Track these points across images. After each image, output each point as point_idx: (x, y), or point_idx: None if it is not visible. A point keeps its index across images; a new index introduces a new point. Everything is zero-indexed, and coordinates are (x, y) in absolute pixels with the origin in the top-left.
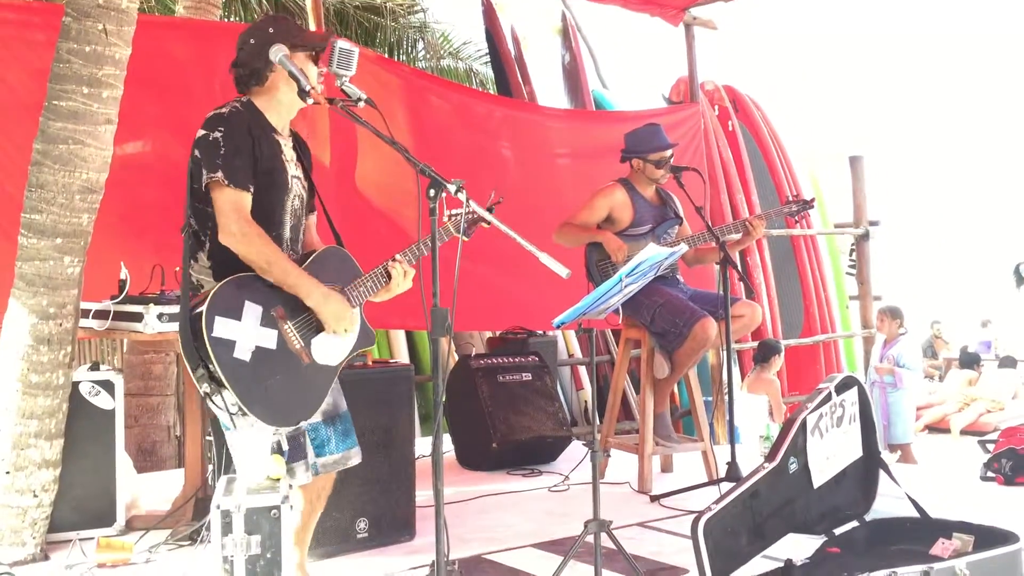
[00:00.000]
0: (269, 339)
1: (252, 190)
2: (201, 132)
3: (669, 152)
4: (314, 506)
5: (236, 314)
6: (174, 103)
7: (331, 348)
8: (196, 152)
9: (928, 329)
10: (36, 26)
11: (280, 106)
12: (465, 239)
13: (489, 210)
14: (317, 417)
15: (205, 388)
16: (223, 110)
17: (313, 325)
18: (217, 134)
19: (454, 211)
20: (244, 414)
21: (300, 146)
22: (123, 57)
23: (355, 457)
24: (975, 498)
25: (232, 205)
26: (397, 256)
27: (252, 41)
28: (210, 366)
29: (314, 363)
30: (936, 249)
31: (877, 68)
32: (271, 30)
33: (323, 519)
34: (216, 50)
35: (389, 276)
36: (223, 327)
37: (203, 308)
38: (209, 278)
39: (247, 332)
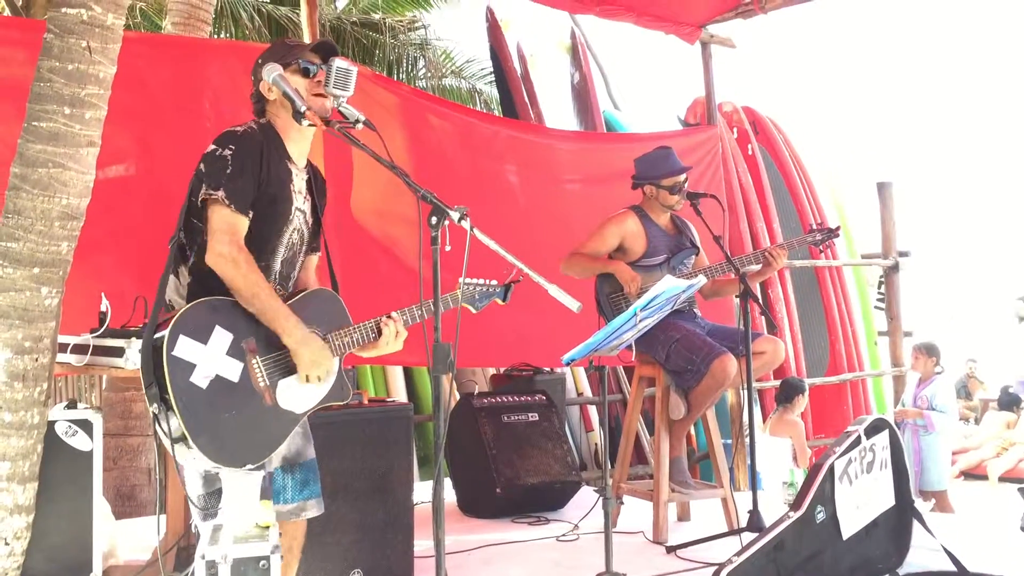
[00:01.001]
0: (233, 371)
1: (250, 216)
2: (211, 147)
3: (683, 177)
4: (288, 561)
5: (203, 337)
6: (160, 124)
7: (299, 394)
8: (201, 166)
9: (963, 368)
10: (15, 43)
11: (291, 132)
12: (474, 311)
13: (507, 286)
14: (276, 463)
15: (154, 408)
16: (238, 128)
17: (284, 366)
18: (227, 152)
19: (469, 280)
20: (187, 445)
21: (316, 181)
22: (107, 76)
23: (312, 509)
24: (1016, 550)
25: (228, 226)
26: (393, 314)
27: (253, 78)
28: (164, 386)
29: (276, 406)
30: (971, 282)
31: (906, 88)
32: (259, 60)
33: (314, 570)
34: (206, 68)
35: (379, 333)
36: (185, 347)
37: (169, 324)
38: (182, 300)
39: (210, 358)
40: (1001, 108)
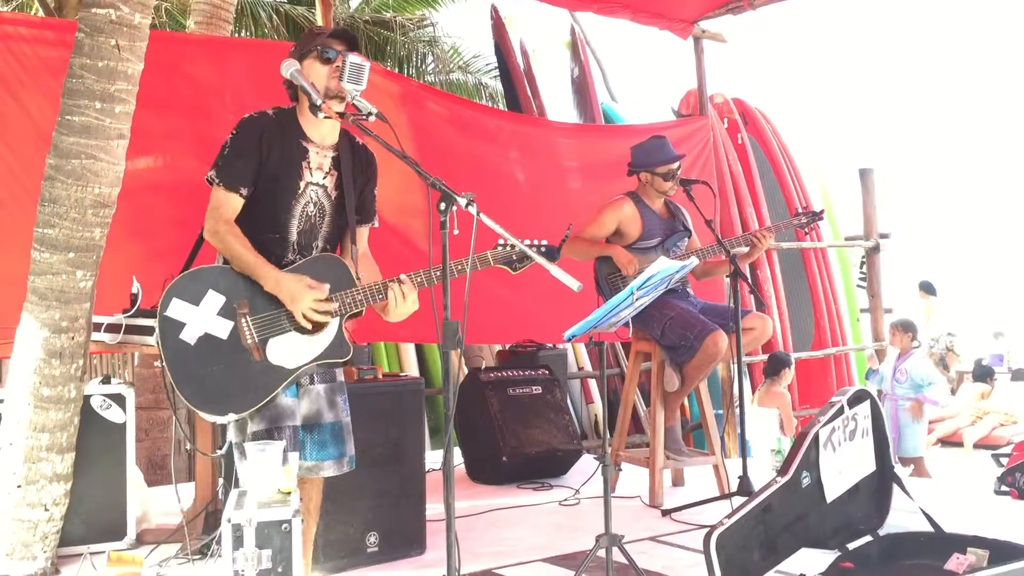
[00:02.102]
0: (222, 329)
1: (244, 193)
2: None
3: (676, 164)
4: (306, 520)
5: (195, 299)
6: (185, 118)
7: (290, 350)
8: None
9: (941, 342)
10: (49, 42)
11: (310, 114)
12: (513, 272)
13: (559, 246)
14: (297, 421)
15: (157, 364)
16: (249, 114)
17: (277, 325)
18: (229, 136)
19: (505, 243)
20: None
21: (356, 157)
22: (135, 72)
23: (328, 469)
24: (989, 512)
25: (214, 204)
26: (402, 276)
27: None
28: (157, 343)
29: (265, 361)
30: (948, 261)
31: (887, 80)
32: (292, 49)
33: (332, 533)
34: (227, 64)
35: (386, 294)
36: (177, 309)
37: (166, 288)
38: None
39: (200, 318)
40: (979, 96)
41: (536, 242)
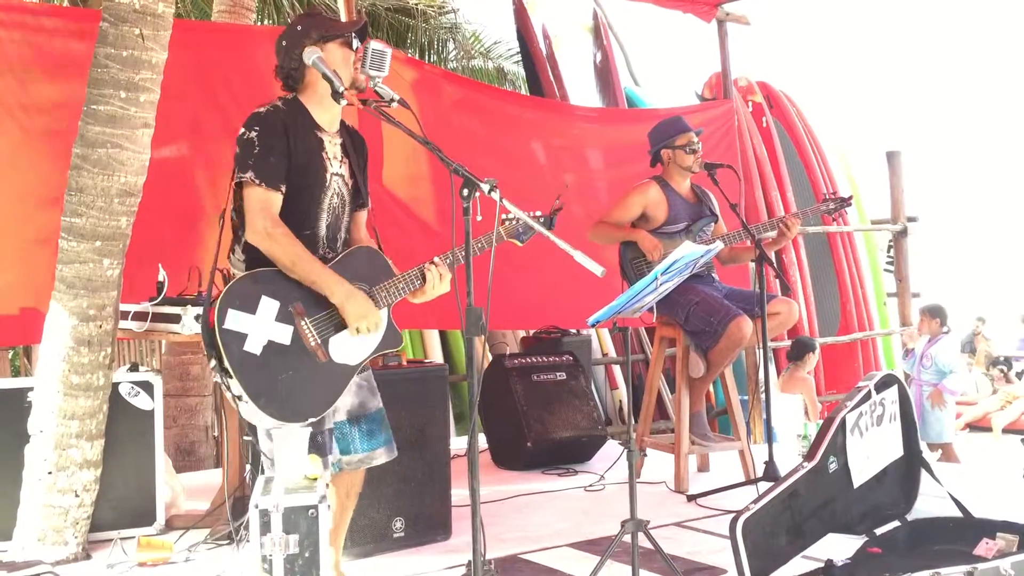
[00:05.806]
0: (283, 334)
1: (283, 189)
2: (241, 130)
3: (695, 136)
4: (345, 505)
5: (251, 308)
6: (209, 106)
7: (351, 347)
8: (237, 150)
9: (970, 326)
10: (74, 32)
11: (324, 101)
12: (520, 244)
13: (552, 215)
14: (342, 416)
15: (216, 377)
16: (262, 109)
17: (334, 323)
18: (252, 133)
19: (509, 215)
20: (247, 403)
21: (354, 141)
22: (159, 61)
23: (381, 456)
24: (1019, 497)
25: (260, 204)
26: (436, 259)
27: (284, 43)
28: (221, 357)
29: (331, 361)
30: (976, 245)
31: (914, 61)
32: (299, 27)
33: (359, 518)
34: (250, 53)
35: (424, 279)
36: (235, 320)
37: (217, 301)
38: (242, 271)
39: (260, 326)
40: (1006, 78)
41: (535, 213)
